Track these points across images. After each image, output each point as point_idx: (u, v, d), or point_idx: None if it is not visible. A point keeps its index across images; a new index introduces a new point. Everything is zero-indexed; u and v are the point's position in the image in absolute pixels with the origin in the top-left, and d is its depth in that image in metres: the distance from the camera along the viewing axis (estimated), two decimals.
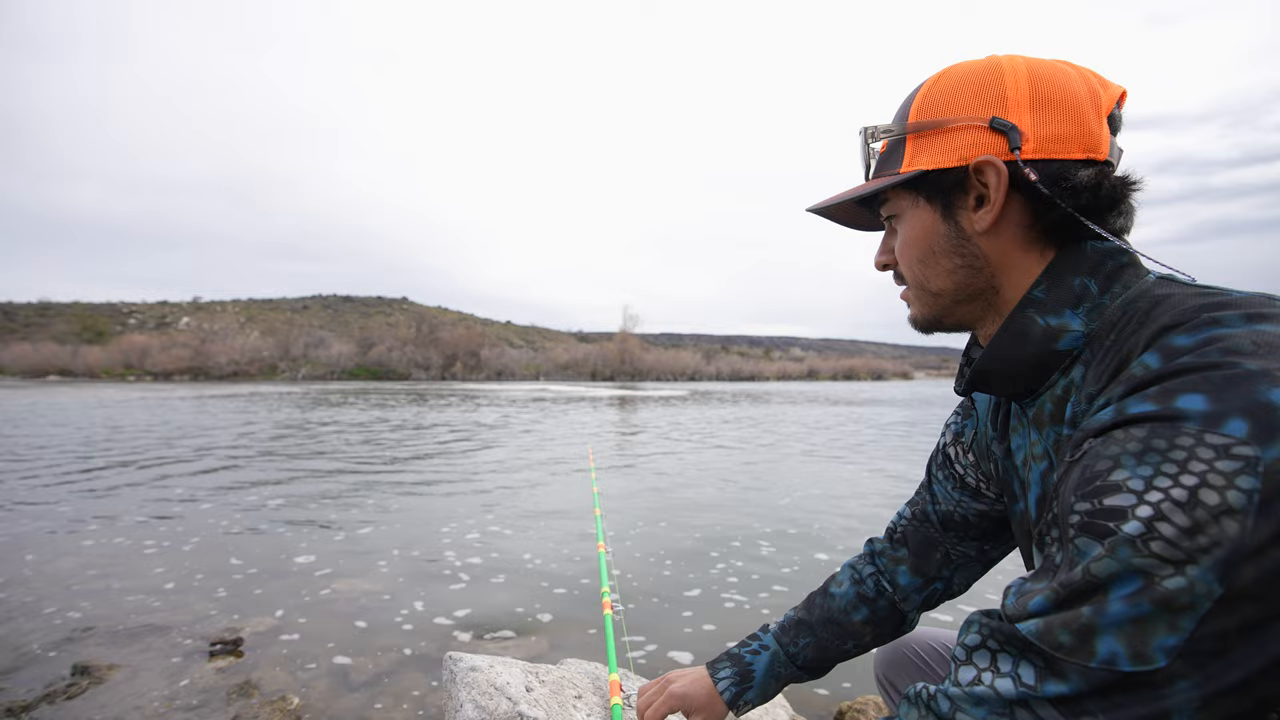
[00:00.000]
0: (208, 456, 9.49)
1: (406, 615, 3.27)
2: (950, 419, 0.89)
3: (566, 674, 1.72)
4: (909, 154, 0.64)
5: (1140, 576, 0.42)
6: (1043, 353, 0.61)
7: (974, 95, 0.61)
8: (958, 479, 0.88)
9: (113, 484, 7.04)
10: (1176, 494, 0.42)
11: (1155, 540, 0.42)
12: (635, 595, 3.57)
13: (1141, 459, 0.45)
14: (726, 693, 0.98)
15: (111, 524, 5.17)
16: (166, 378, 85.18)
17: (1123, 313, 0.57)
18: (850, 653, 0.99)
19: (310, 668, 2.68)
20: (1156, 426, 0.45)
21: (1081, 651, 0.44)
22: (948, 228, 0.64)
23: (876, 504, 6.18)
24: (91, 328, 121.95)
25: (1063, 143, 0.59)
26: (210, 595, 3.52)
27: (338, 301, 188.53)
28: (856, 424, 16.39)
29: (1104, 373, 0.55)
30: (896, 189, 0.66)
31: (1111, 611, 0.43)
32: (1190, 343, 0.48)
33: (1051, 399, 0.63)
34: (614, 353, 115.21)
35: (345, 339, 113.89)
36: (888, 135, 0.67)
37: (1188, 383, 0.45)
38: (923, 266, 0.67)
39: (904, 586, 0.95)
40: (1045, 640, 0.46)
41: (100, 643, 2.89)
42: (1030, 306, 0.62)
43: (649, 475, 7.94)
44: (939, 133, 0.62)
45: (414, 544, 4.64)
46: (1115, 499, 0.45)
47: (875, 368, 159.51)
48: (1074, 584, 0.45)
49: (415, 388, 52.10)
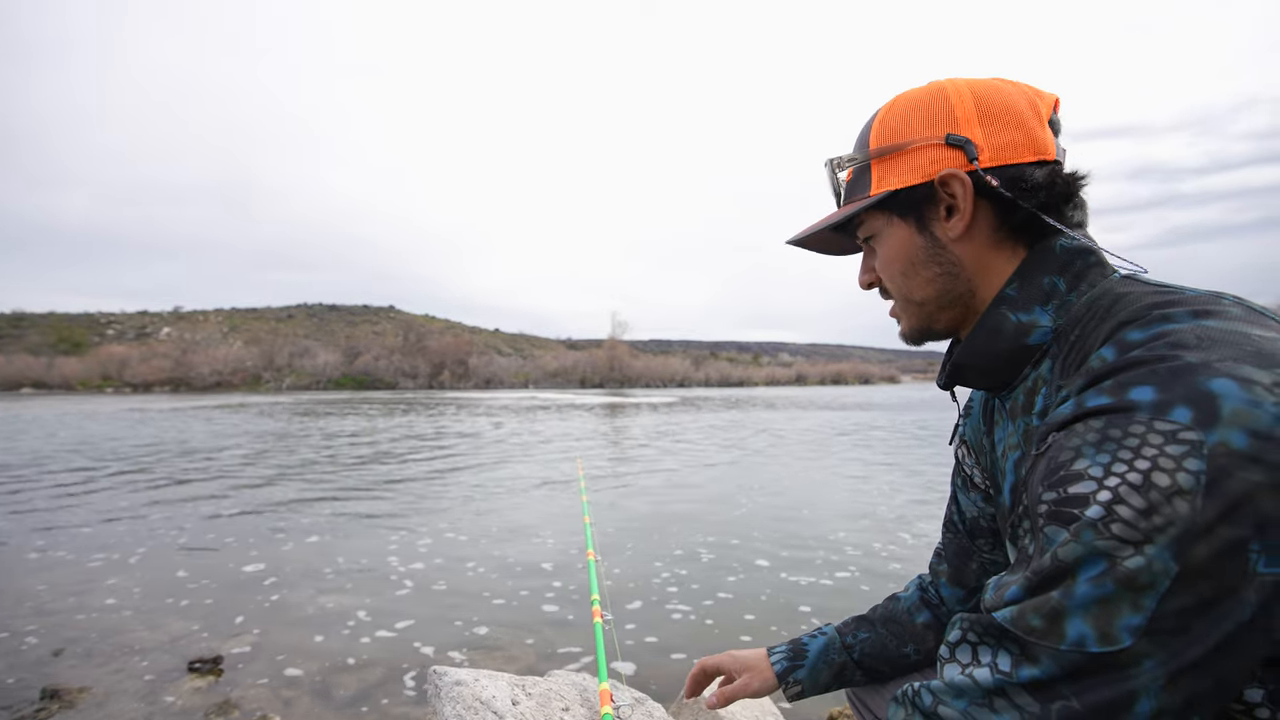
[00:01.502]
0: (185, 471, 9.31)
1: (390, 629, 3.20)
2: (958, 423, 0.92)
3: (554, 686, 1.68)
4: (875, 177, 0.69)
5: (1104, 559, 0.45)
6: (1014, 347, 0.66)
7: (926, 117, 0.66)
8: (969, 481, 0.89)
9: (80, 501, 6.88)
10: (1132, 478, 0.45)
11: (1115, 522, 0.45)
12: (627, 604, 3.53)
13: (1100, 447, 0.48)
14: (778, 664, 0.98)
15: (82, 542, 5.04)
16: (146, 389, 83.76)
17: (1087, 309, 0.61)
18: (910, 658, 0.96)
19: (293, 685, 2.61)
20: (1112, 417, 0.48)
21: (1052, 634, 0.46)
22: (924, 239, 0.68)
23: (873, 513, 6.18)
24: (68, 339, 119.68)
25: (1014, 148, 0.64)
26: (187, 613, 3.43)
27: (323, 310, 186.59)
28: (849, 430, 16.46)
29: (1069, 366, 0.60)
30: (870, 211, 0.70)
31: (1078, 593, 0.46)
32: (1142, 337, 0.52)
33: (1024, 391, 0.67)
34: (603, 360, 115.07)
35: (331, 348, 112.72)
36: (852, 163, 0.72)
37: (1138, 375, 0.49)
38: (905, 279, 0.71)
39: (946, 599, 0.95)
40: (1018, 625, 0.48)
41: (71, 664, 2.80)
42: (1003, 304, 0.66)
43: (638, 483, 7.90)
44: (900, 155, 0.67)
45: (398, 557, 4.57)
46: (1078, 486, 0.48)
47: (863, 372, 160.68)
48: (1044, 570, 0.48)
49: (402, 397, 51.68)
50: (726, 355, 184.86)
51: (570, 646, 2.98)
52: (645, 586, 3.83)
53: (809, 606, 3.47)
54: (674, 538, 5.01)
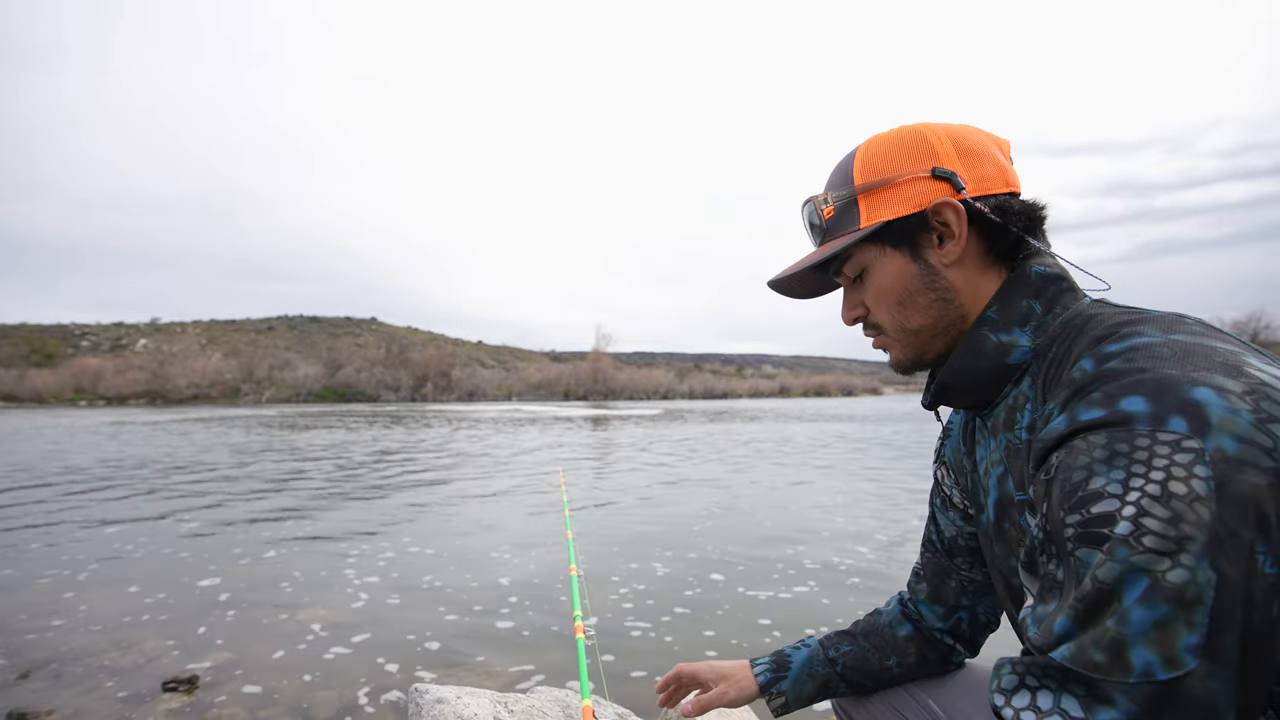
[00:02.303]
0: (159, 487, 9.12)
1: (371, 645, 3.16)
2: (937, 444, 0.94)
3: (537, 703, 1.67)
4: (864, 211, 0.71)
5: (1143, 574, 0.45)
6: (996, 366, 0.69)
7: (908, 154, 0.70)
8: (948, 501, 0.91)
9: (47, 518, 6.71)
10: (1151, 489, 0.46)
11: (1146, 535, 0.46)
12: (609, 619, 3.52)
13: (1111, 463, 0.48)
14: (762, 676, 0.99)
15: (49, 561, 4.91)
16: (121, 402, 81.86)
17: (1062, 329, 0.65)
18: (893, 670, 0.97)
19: (269, 704, 2.56)
20: (1113, 431, 0.49)
21: (1117, 667, 0.45)
22: (918, 267, 0.71)
23: (859, 527, 6.23)
24: (40, 350, 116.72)
25: (991, 181, 0.69)
26: (161, 632, 3.35)
27: (304, 322, 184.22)
28: (833, 442, 16.57)
29: (1050, 381, 0.63)
30: (861, 244, 0.72)
31: (1134, 619, 0.45)
32: (1117, 349, 0.54)
33: (1005, 408, 0.70)
34: (587, 372, 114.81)
35: (312, 360, 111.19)
36: (840, 199, 0.73)
37: (1123, 386, 0.51)
38: (901, 308, 0.73)
39: (926, 617, 0.96)
40: (1080, 663, 0.47)
41: (39, 687, 2.72)
42: (984, 325, 0.70)
43: (621, 497, 7.89)
44: (889, 188, 0.70)
45: (376, 573, 4.51)
46: (1100, 506, 0.48)
47: (846, 384, 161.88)
48: (1087, 596, 0.47)
49: (384, 410, 51.07)
50: (710, 367, 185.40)
51: (552, 662, 2.96)
52: (628, 601, 3.82)
53: (792, 617, 3.49)
54: (657, 552, 5.01)
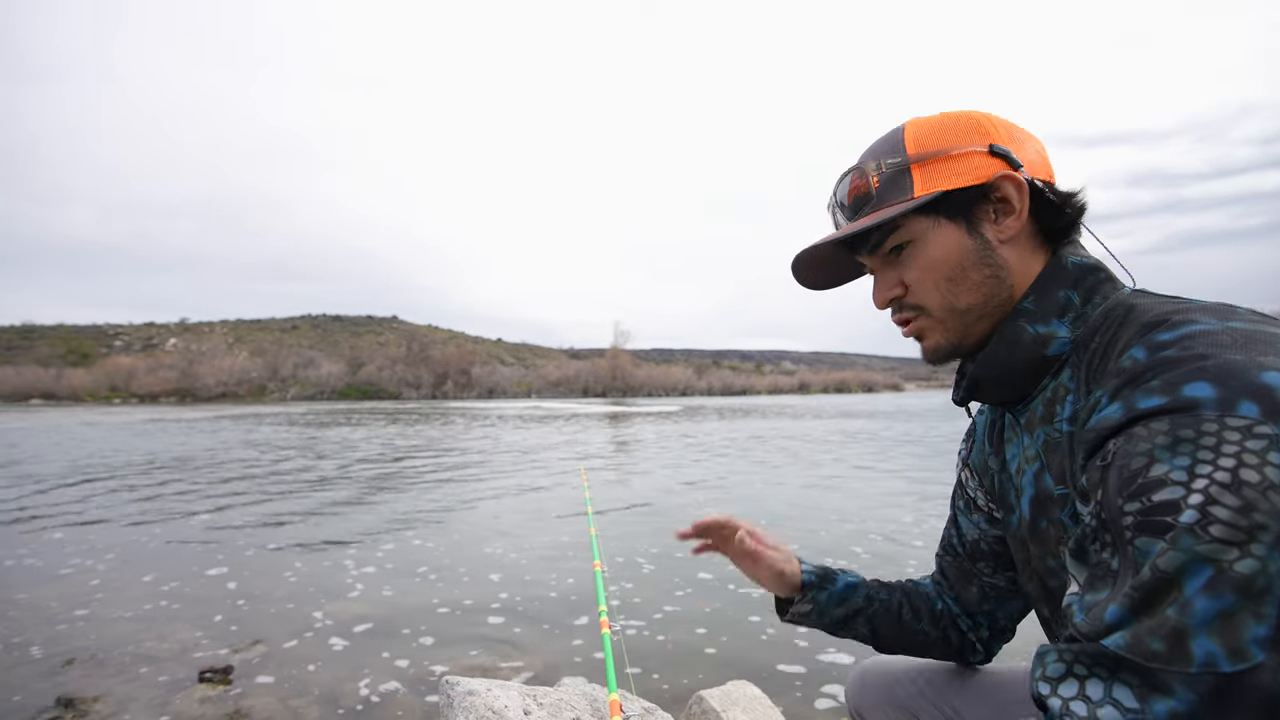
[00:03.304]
0: (192, 481, 9.36)
1: (402, 639, 3.22)
2: (960, 447, 0.92)
3: (565, 696, 1.70)
4: (919, 181, 0.68)
5: (1208, 564, 0.43)
6: (1033, 358, 0.67)
7: (964, 130, 0.68)
8: (972, 504, 0.89)
9: (90, 513, 6.92)
10: (1220, 477, 0.44)
11: (1213, 524, 0.43)
12: (634, 613, 3.54)
13: (1175, 450, 0.46)
14: (806, 576, 0.93)
15: (93, 553, 5.07)
16: (153, 400, 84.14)
17: (1104, 319, 0.62)
18: (918, 636, 0.93)
19: (302, 694, 2.62)
20: (1177, 417, 0.47)
21: (1178, 657, 0.43)
22: (974, 241, 0.68)
23: (885, 522, 6.17)
24: (76, 350, 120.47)
25: (1037, 168, 0.68)
26: (196, 623, 3.45)
27: (327, 321, 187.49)
28: (853, 439, 16.42)
29: (1094, 372, 0.60)
30: (911, 215, 0.69)
31: (1197, 608, 0.43)
32: (1171, 337, 0.51)
33: (1042, 402, 0.68)
34: (605, 369, 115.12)
35: (335, 359, 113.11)
36: (892, 167, 0.69)
37: (1185, 373, 0.48)
38: (951, 284, 0.69)
39: (954, 607, 0.95)
40: (1137, 651, 0.45)
41: (84, 674, 2.82)
42: (1021, 316, 0.67)
43: (643, 493, 7.91)
44: (946, 159, 0.67)
45: (407, 567, 4.59)
46: (1164, 494, 0.46)
47: (866, 380, 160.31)
48: (1146, 584, 0.45)
49: (406, 407, 51.77)
50: (729, 364, 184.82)
51: (579, 656, 2.99)
52: (653, 596, 3.84)
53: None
54: (680, 546, 5.00)
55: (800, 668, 2.83)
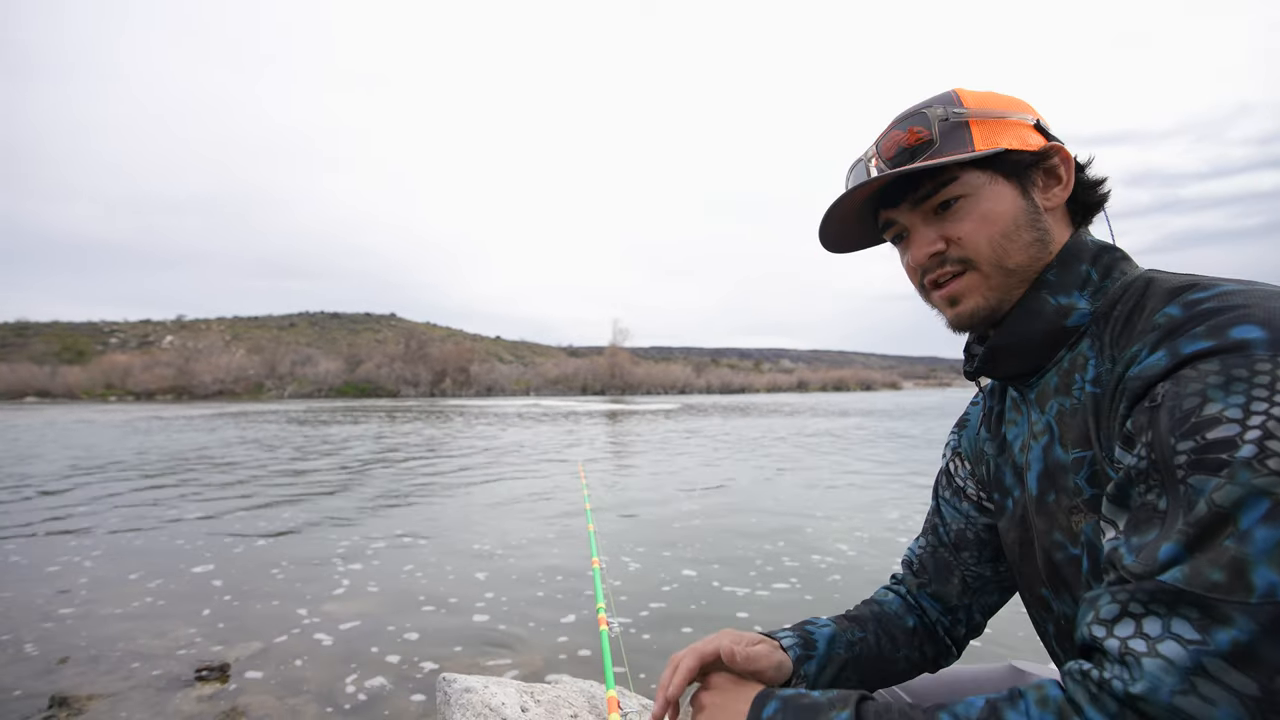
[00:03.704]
0: (187, 479, 9.33)
1: (398, 637, 3.21)
2: (949, 438, 0.94)
3: (562, 693, 1.69)
4: (979, 136, 0.68)
5: (1266, 496, 0.44)
6: (1053, 329, 0.68)
7: (1013, 104, 0.71)
8: (961, 493, 0.90)
9: (80, 509, 6.90)
10: (1278, 412, 0.45)
11: (1271, 458, 0.44)
12: (632, 610, 3.53)
13: (1229, 389, 0.47)
14: (792, 651, 0.82)
15: (85, 551, 5.05)
16: (149, 397, 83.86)
17: (1124, 291, 0.65)
18: (900, 665, 0.89)
19: (299, 692, 2.62)
20: (1228, 358, 0.48)
21: (1238, 587, 0.43)
22: (1027, 203, 0.69)
23: (882, 518, 6.18)
24: (71, 347, 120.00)
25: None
26: (192, 620, 3.44)
27: (325, 318, 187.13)
28: (851, 438, 16.44)
29: (1116, 337, 0.62)
30: (969, 167, 0.68)
31: (1257, 538, 0.43)
32: (1207, 295, 0.53)
33: (1058, 373, 0.69)
34: (604, 367, 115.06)
35: (333, 356, 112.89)
36: (955, 116, 0.69)
37: (1232, 318, 0.50)
38: (1006, 240, 0.69)
39: (929, 610, 0.92)
40: (1196, 584, 0.45)
41: (79, 671, 2.81)
42: (1043, 288, 0.69)
43: (641, 490, 7.90)
44: (1005, 123, 0.69)
45: (404, 565, 4.58)
46: (1218, 431, 0.47)
47: (864, 378, 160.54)
48: (1202, 519, 0.45)
49: (404, 404, 51.70)
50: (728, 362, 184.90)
51: (576, 653, 2.99)
52: (651, 592, 3.83)
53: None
54: (677, 543, 5.01)
55: None
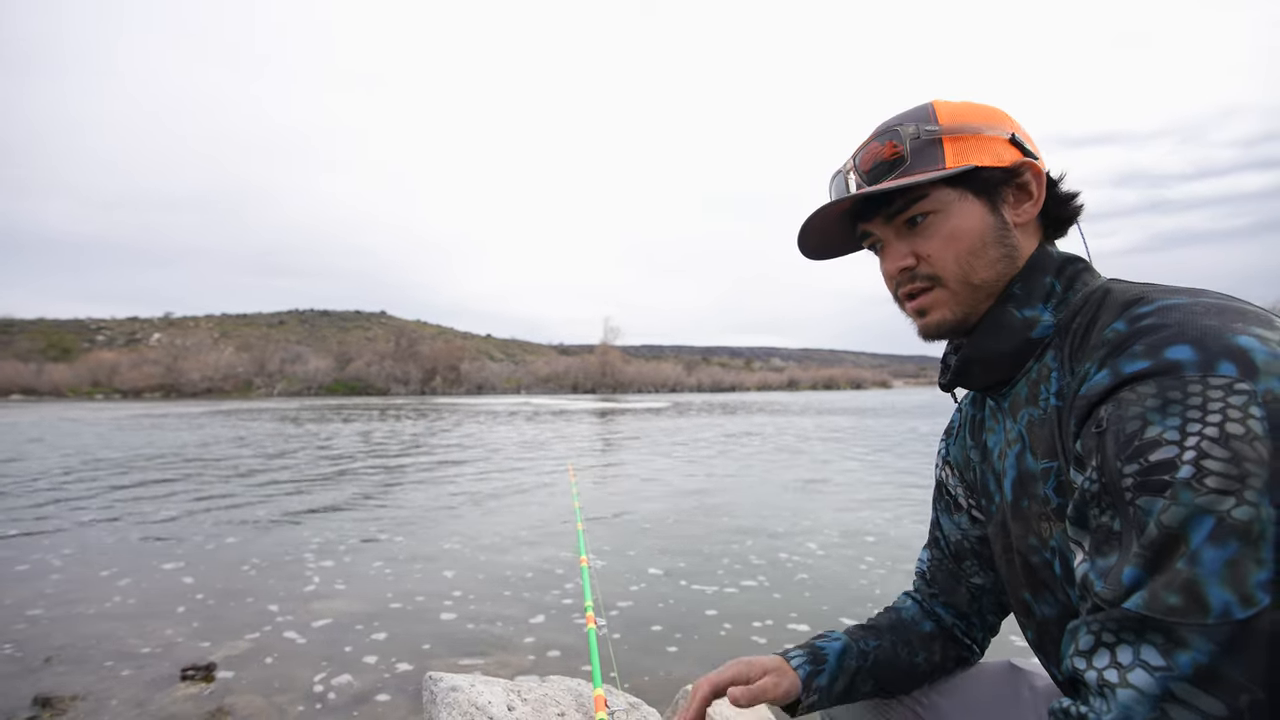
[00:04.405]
0: (171, 475, 9.24)
1: (386, 635, 3.20)
2: (939, 446, 0.93)
3: (550, 691, 1.70)
4: (950, 153, 0.69)
5: (1209, 515, 0.46)
6: (1019, 341, 0.69)
7: (989, 116, 0.71)
8: (954, 504, 0.90)
9: (65, 507, 6.82)
10: (1210, 432, 0.47)
11: (1208, 477, 0.46)
12: (621, 609, 3.54)
13: (1165, 411, 0.49)
14: (801, 669, 0.87)
15: (70, 549, 4.99)
16: (136, 395, 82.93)
17: (1084, 302, 0.66)
18: (921, 668, 0.91)
19: (285, 691, 2.60)
20: (1162, 380, 0.50)
21: (1195, 609, 0.45)
22: (996, 219, 0.70)
23: (869, 520, 6.22)
24: (57, 345, 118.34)
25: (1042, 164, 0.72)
26: (178, 620, 3.41)
27: (314, 316, 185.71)
28: (838, 437, 16.51)
29: (1075, 349, 0.63)
30: (939, 184, 0.70)
31: (1206, 559, 0.45)
32: (1149, 309, 0.56)
33: (1027, 384, 0.70)
34: (595, 365, 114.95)
35: (322, 354, 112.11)
36: (927, 134, 0.70)
37: (1166, 338, 0.52)
38: (972, 257, 0.70)
39: (944, 616, 0.94)
40: (1156, 608, 0.47)
41: (62, 672, 2.78)
42: (1010, 301, 0.70)
43: (631, 489, 7.91)
44: (977, 138, 0.70)
45: (391, 563, 4.56)
46: (1159, 453, 0.49)
47: (854, 377, 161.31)
48: (1154, 542, 0.48)
49: (394, 402, 51.43)
50: (719, 360, 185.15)
51: (564, 652, 2.99)
52: (640, 592, 3.84)
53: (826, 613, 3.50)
54: (668, 542, 5.03)
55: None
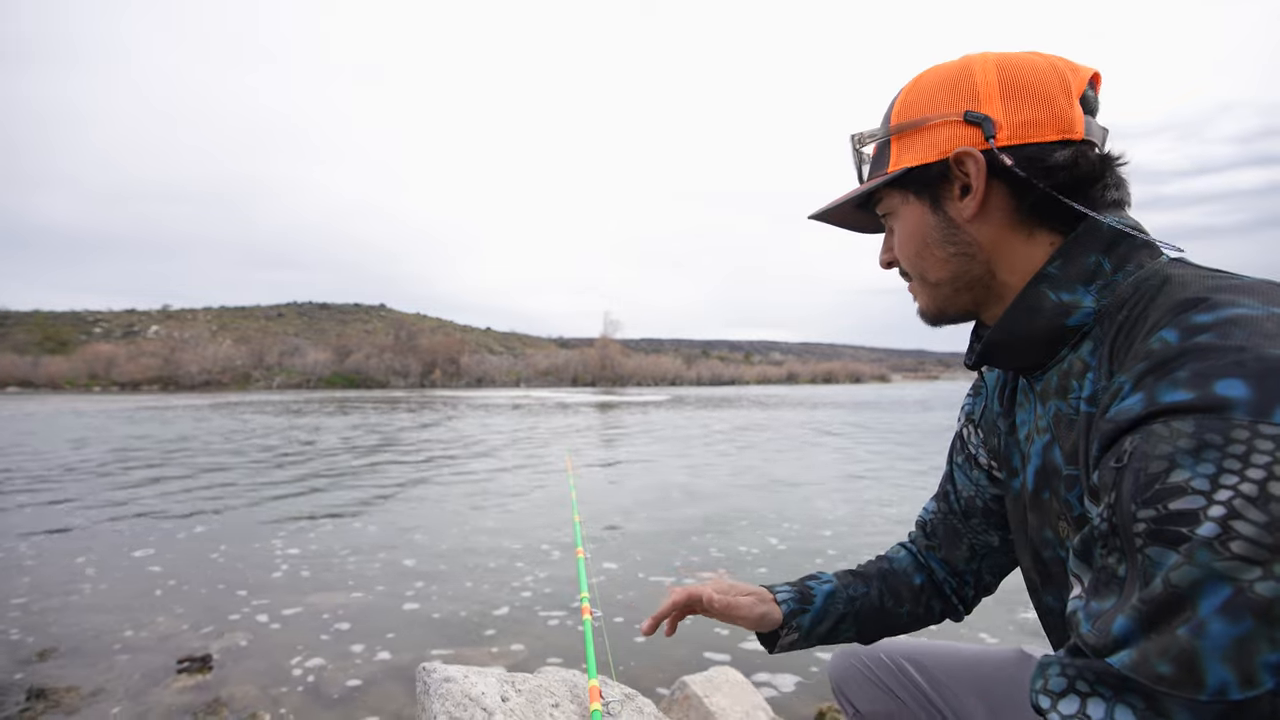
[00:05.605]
0: (167, 470, 9.24)
1: (381, 627, 3.20)
2: (965, 402, 0.90)
3: (544, 682, 1.69)
4: (894, 154, 0.67)
5: (1226, 583, 0.40)
6: (1053, 327, 0.62)
7: (948, 93, 0.64)
8: (972, 460, 0.88)
9: (61, 500, 6.81)
10: (1246, 489, 0.40)
11: (1235, 540, 0.40)
12: (617, 601, 3.54)
13: (1199, 456, 0.42)
14: (786, 604, 0.88)
15: (65, 541, 4.99)
16: (134, 388, 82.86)
17: (1134, 290, 0.57)
18: (903, 618, 0.92)
19: (282, 683, 2.60)
20: (1203, 419, 0.43)
21: (1188, 683, 0.41)
22: (938, 219, 0.66)
23: (866, 514, 6.22)
24: (54, 337, 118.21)
25: (1036, 127, 0.61)
26: (174, 612, 3.41)
27: (313, 309, 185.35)
28: (826, 432, 16.53)
29: (1118, 349, 0.55)
30: (888, 188, 0.69)
31: (1213, 632, 0.40)
32: (1210, 320, 0.47)
33: (1059, 373, 0.64)
34: (594, 358, 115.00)
35: (321, 346, 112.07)
36: (873, 139, 0.70)
37: (1220, 366, 0.44)
38: (920, 259, 0.69)
39: (937, 570, 0.93)
40: (1142, 673, 0.42)
41: (58, 664, 2.78)
42: (1044, 281, 0.62)
43: (628, 481, 7.92)
44: (919, 131, 0.66)
45: (385, 555, 4.56)
46: (1182, 502, 0.42)
47: (853, 371, 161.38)
48: (1156, 599, 0.42)
49: (393, 395, 51.43)
50: (718, 354, 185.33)
51: (560, 643, 2.99)
52: (636, 583, 3.85)
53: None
54: (663, 534, 5.03)
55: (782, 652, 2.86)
